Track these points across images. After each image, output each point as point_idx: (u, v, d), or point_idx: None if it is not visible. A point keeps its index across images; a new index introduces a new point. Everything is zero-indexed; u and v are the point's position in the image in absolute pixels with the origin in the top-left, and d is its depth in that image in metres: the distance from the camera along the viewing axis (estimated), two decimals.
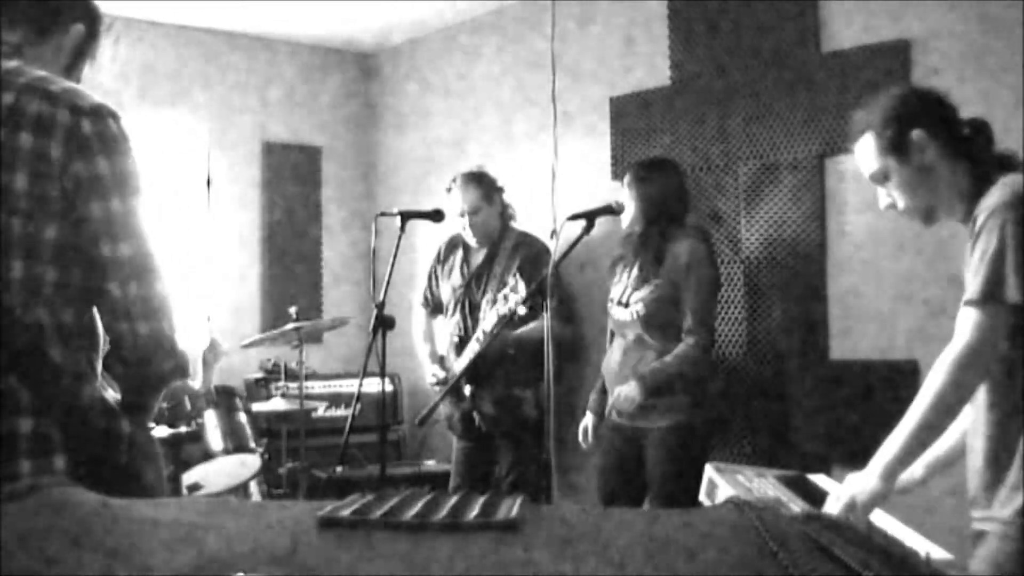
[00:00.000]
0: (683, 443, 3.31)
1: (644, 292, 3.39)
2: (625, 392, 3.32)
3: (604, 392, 3.59)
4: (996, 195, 1.81)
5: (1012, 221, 1.75)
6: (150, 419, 1.71)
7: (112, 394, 1.64)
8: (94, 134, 1.57)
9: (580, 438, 3.70)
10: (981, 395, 1.88)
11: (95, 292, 1.59)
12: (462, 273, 4.15)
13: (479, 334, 3.84)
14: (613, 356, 3.54)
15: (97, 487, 1.50)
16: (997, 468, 1.86)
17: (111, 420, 1.60)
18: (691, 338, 3.33)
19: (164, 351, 1.61)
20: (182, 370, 1.65)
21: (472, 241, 4.12)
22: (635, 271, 3.46)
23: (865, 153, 1.99)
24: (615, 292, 3.54)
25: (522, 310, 3.44)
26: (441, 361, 4.20)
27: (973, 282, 1.78)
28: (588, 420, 3.67)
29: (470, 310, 4.07)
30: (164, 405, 3.03)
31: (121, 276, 1.57)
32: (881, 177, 1.98)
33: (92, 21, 1.78)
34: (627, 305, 3.45)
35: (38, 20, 1.70)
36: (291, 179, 5.63)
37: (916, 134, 1.92)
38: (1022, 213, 1.75)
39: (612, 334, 3.63)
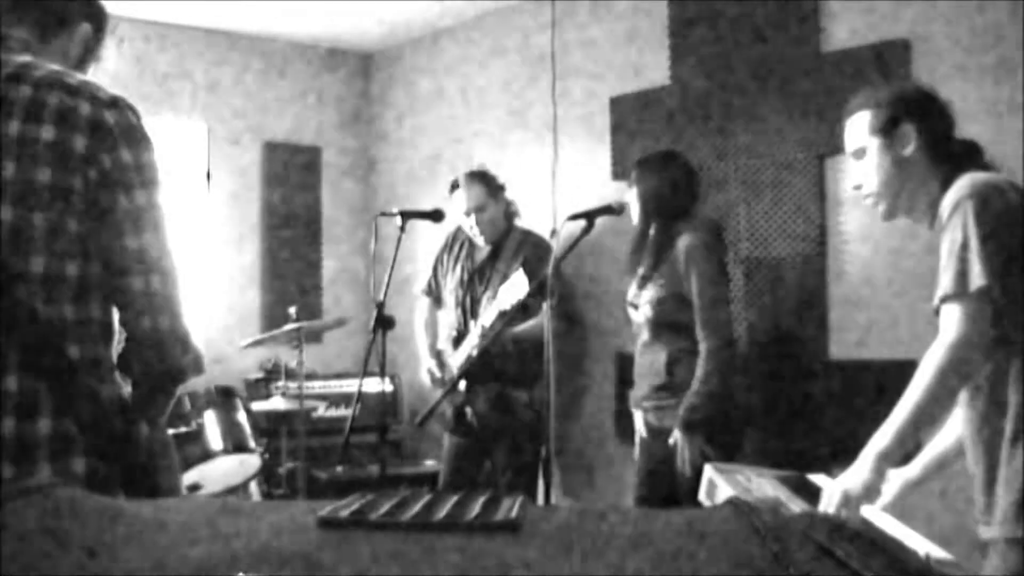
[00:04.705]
0: (707, 441, 3.25)
1: (650, 293, 3.34)
2: (690, 454, 3.17)
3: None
4: (957, 188, 1.86)
5: (972, 211, 1.79)
6: (165, 416, 1.69)
7: (127, 390, 1.62)
8: (117, 126, 1.56)
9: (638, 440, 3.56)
10: (966, 398, 1.90)
11: (114, 286, 1.58)
12: (465, 268, 4.14)
13: (478, 328, 3.82)
14: (636, 357, 3.50)
15: (115, 489, 1.50)
16: (986, 470, 1.88)
17: (128, 421, 1.58)
18: (705, 344, 3.20)
19: (183, 345, 1.61)
20: (198, 364, 1.65)
21: (480, 240, 4.09)
22: (641, 271, 3.42)
23: (855, 129, 2.04)
24: (629, 294, 3.49)
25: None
26: (439, 356, 4.19)
27: (945, 277, 1.81)
28: (638, 418, 3.53)
29: (470, 305, 4.06)
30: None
31: (144, 270, 1.56)
32: (861, 154, 2.04)
33: (98, 21, 1.77)
34: (637, 307, 3.42)
35: (45, 19, 1.69)
36: (291, 179, 5.64)
37: (905, 125, 1.97)
38: (980, 202, 1.79)
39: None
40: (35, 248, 1.50)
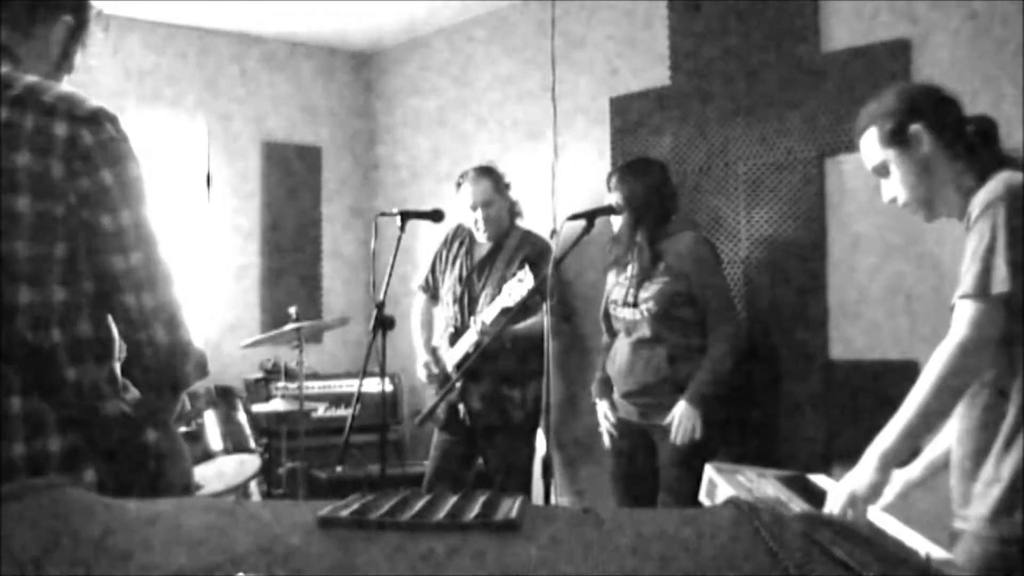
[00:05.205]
0: (694, 440, 3.28)
1: (652, 290, 3.39)
2: (685, 423, 3.27)
3: (607, 382, 3.60)
4: (990, 190, 1.84)
5: (1003, 214, 1.77)
6: (172, 418, 1.69)
7: (134, 394, 1.62)
8: (95, 144, 1.51)
9: (605, 428, 3.62)
10: (969, 392, 1.89)
11: (108, 303, 1.56)
12: (464, 264, 4.14)
13: (477, 325, 3.81)
14: (619, 357, 3.52)
15: (127, 495, 1.50)
16: (974, 465, 1.88)
17: (135, 431, 1.57)
18: (723, 327, 3.35)
19: (183, 356, 1.59)
20: (201, 370, 1.63)
21: (483, 237, 4.08)
22: (633, 271, 3.46)
23: (869, 146, 2.02)
24: (617, 294, 3.54)
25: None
26: (434, 352, 4.18)
27: (967, 276, 1.80)
28: (604, 407, 3.62)
29: (468, 302, 4.06)
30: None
31: (135, 286, 1.54)
32: (883, 170, 2.02)
33: (80, 11, 1.72)
34: (635, 304, 3.44)
35: (25, 17, 1.64)
36: (291, 179, 5.64)
37: (914, 127, 1.95)
38: (1013, 206, 1.78)
39: (612, 335, 3.63)
40: (20, 277, 1.47)
